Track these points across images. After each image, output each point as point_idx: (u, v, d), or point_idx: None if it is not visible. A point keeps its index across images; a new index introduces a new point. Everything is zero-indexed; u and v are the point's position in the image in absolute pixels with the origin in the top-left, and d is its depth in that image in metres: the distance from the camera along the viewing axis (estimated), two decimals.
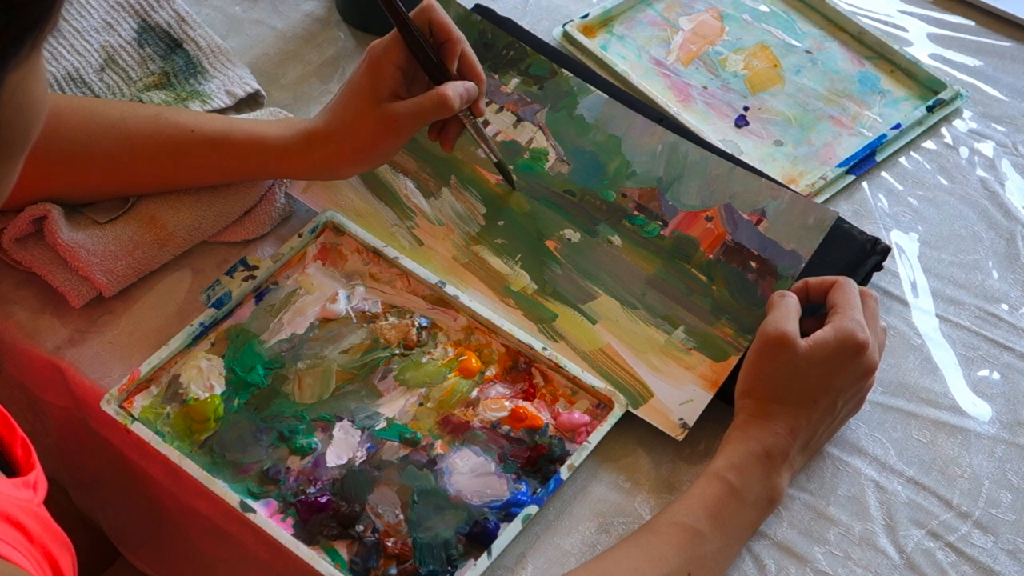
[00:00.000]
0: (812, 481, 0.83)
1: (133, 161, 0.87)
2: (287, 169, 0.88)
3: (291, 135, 0.86)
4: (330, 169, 0.88)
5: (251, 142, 0.86)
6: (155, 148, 0.86)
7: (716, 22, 1.11)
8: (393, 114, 0.83)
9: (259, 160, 0.87)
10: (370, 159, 0.87)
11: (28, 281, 0.90)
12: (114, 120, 0.86)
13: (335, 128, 0.85)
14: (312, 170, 0.88)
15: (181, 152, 0.86)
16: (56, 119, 0.83)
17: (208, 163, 0.87)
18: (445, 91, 0.82)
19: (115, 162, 0.87)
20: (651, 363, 0.86)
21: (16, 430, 0.68)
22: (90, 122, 0.86)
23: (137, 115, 0.88)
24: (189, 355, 0.86)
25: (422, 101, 0.83)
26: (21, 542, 0.57)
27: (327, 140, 0.85)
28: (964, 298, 0.93)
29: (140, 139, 0.86)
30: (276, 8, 1.11)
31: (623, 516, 0.81)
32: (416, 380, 0.86)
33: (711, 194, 0.90)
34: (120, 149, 0.86)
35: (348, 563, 0.77)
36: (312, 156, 0.85)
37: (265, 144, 0.86)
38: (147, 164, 0.87)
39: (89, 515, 0.99)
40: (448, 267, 0.91)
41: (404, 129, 0.84)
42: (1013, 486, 0.83)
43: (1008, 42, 1.12)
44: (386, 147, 0.85)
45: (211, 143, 0.86)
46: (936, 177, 1.01)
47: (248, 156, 0.86)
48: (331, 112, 0.85)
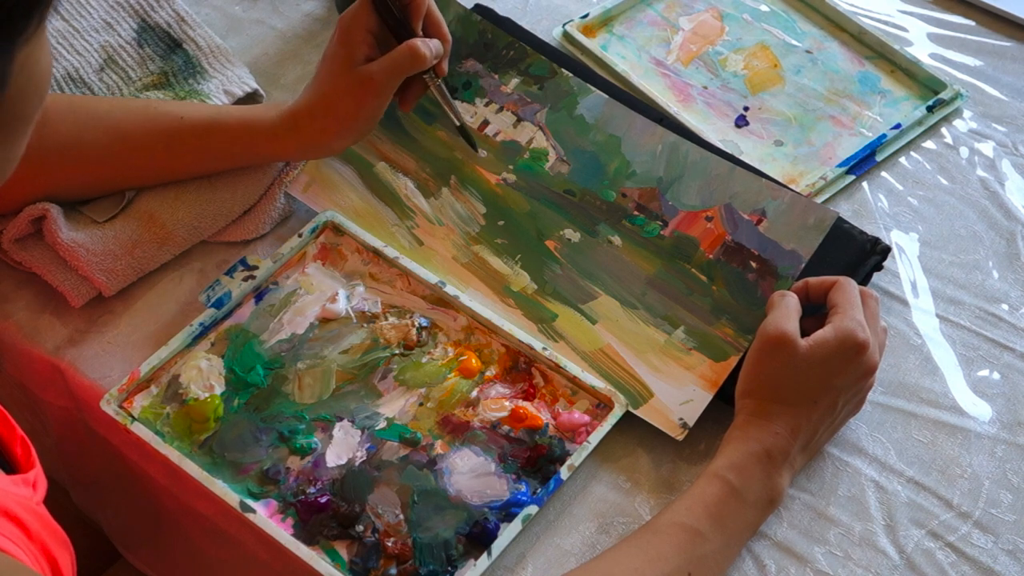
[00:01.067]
0: (812, 481, 0.83)
1: (125, 151, 0.88)
2: (279, 150, 0.89)
3: (277, 116, 0.87)
4: (320, 145, 0.88)
5: (240, 126, 0.88)
6: (146, 136, 0.88)
7: (716, 22, 1.11)
8: (368, 74, 0.84)
9: (249, 143, 0.88)
10: (356, 127, 0.87)
11: (28, 281, 0.90)
12: (103, 112, 0.88)
13: (316, 102, 0.86)
14: (303, 148, 0.89)
15: (172, 139, 0.88)
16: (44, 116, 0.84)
17: (200, 149, 0.88)
18: (415, 43, 0.84)
19: (107, 152, 0.87)
20: (651, 363, 0.86)
21: (15, 429, 0.68)
22: (80, 114, 0.87)
23: (127, 107, 0.89)
24: (189, 355, 0.86)
25: (394, 55, 0.84)
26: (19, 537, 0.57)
27: (312, 116, 0.86)
28: (964, 298, 0.93)
29: (131, 128, 0.88)
30: (276, 8, 1.11)
31: (623, 516, 0.81)
32: (416, 380, 0.86)
33: (711, 194, 0.90)
34: (111, 139, 0.87)
35: (348, 563, 0.77)
36: (300, 134, 0.87)
37: (254, 127, 0.87)
38: (139, 153, 0.88)
39: (89, 515, 0.99)
40: (448, 267, 0.91)
41: (382, 88, 0.85)
42: (1013, 486, 0.83)
43: (1008, 42, 1.12)
44: (368, 111, 0.86)
45: (202, 128, 0.88)
46: (936, 177, 1.01)
47: (238, 140, 0.88)
48: (311, 88, 0.87)
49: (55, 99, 0.89)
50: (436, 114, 0.95)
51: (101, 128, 0.87)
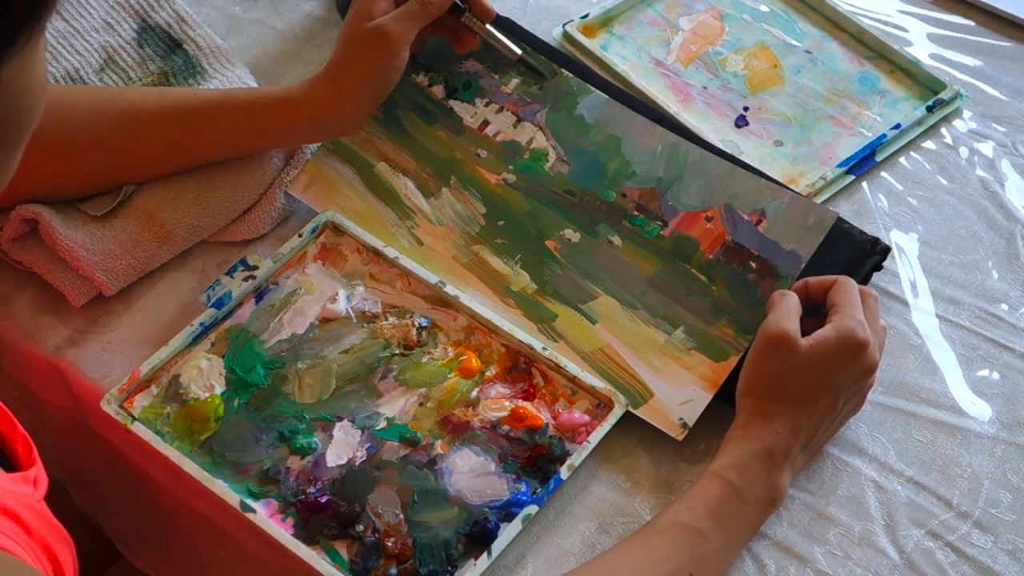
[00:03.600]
0: (812, 481, 0.83)
1: (138, 128, 0.88)
2: (292, 120, 0.88)
3: (293, 87, 0.88)
4: (334, 111, 0.88)
5: (253, 97, 0.88)
6: (159, 111, 0.88)
7: (716, 22, 1.11)
8: (382, 25, 0.85)
9: (262, 113, 0.88)
10: (370, 88, 0.87)
11: (28, 281, 0.90)
12: (115, 93, 0.89)
13: (333, 63, 0.87)
14: (317, 116, 0.88)
15: (185, 114, 0.88)
16: (59, 100, 0.85)
17: (212, 123, 0.88)
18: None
19: (120, 130, 0.87)
20: (651, 363, 0.86)
21: (16, 426, 0.68)
22: (96, 97, 0.88)
23: (140, 89, 0.91)
24: (189, 355, 0.86)
25: (407, 5, 0.85)
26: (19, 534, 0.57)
27: (327, 79, 0.87)
28: (964, 298, 0.93)
29: (143, 105, 0.88)
30: (276, 8, 1.11)
31: (623, 516, 0.81)
32: (416, 380, 0.86)
33: (711, 194, 0.90)
34: (125, 117, 0.87)
35: (348, 563, 0.77)
36: (315, 99, 0.87)
37: (268, 97, 0.88)
38: (151, 130, 0.88)
39: (89, 515, 0.99)
40: (448, 267, 0.91)
41: (397, 39, 0.85)
42: (1013, 486, 0.83)
43: (1008, 42, 1.12)
44: (382, 66, 0.86)
45: (216, 103, 0.88)
46: (936, 177, 1.01)
47: (252, 112, 0.88)
48: (331, 56, 0.88)
49: (67, 88, 0.90)
50: (436, 114, 0.95)
51: (115, 108, 0.87)
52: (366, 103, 0.88)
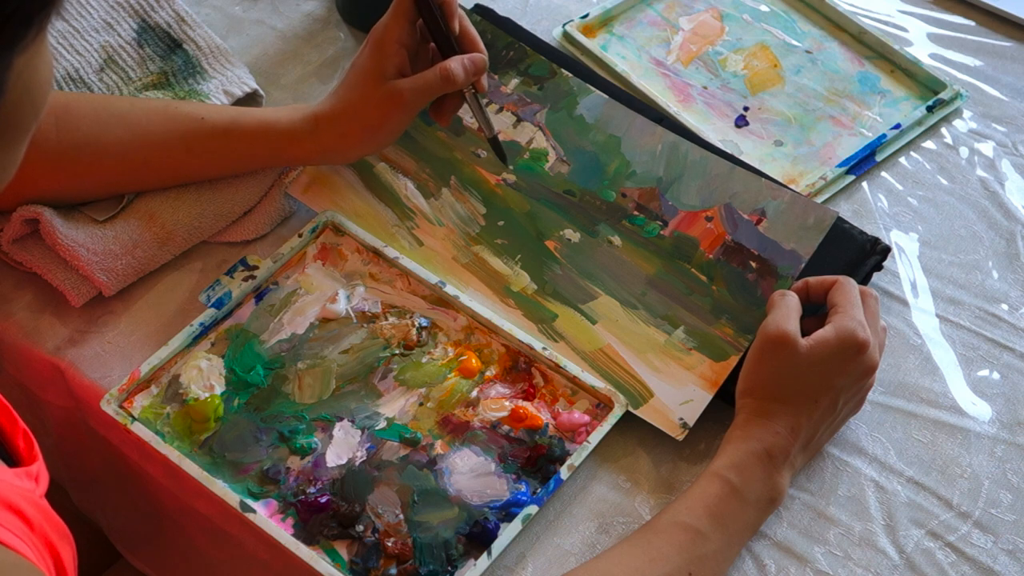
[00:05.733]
0: (812, 481, 0.83)
1: (145, 148, 0.87)
2: (297, 153, 0.89)
3: (299, 119, 0.87)
4: (339, 151, 0.88)
5: (260, 128, 0.88)
6: (166, 135, 0.87)
7: (716, 22, 1.11)
8: (399, 90, 0.84)
9: (269, 145, 0.88)
10: (378, 138, 0.88)
11: (28, 281, 0.90)
12: (124, 110, 0.88)
13: (342, 109, 0.86)
14: (321, 153, 0.89)
15: (192, 139, 0.87)
16: (65, 111, 0.85)
17: (219, 150, 0.88)
18: (449, 64, 0.84)
19: (126, 150, 0.87)
20: (651, 363, 0.86)
21: (18, 422, 0.68)
22: (101, 111, 0.87)
23: (147, 107, 0.89)
24: (189, 355, 0.86)
25: (427, 75, 0.84)
26: (22, 529, 0.57)
27: (335, 121, 0.86)
28: (964, 298, 0.93)
29: (151, 127, 0.88)
30: (276, 8, 1.11)
31: (623, 516, 0.81)
32: (416, 380, 0.86)
33: (711, 194, 0.90)
34: (131, 136, 0.87)
35: (348, 563, 0.77)
36: (321, 139, 0.87)
37: (274, 129, 0.87)
38: (158, 152, 0.88)
39: (89, 515, 0.99)
40: (448, 267, 0.91)
41: (411, 105, 0.85)
42: (1013, 486, 0.83)
43: (1008, 42, 1.12)
44: (393, 124, 0.86)
45: (221, 130, 0.87)
46: (936, 177, 1.01)
47: (258, 141, 0.88)
48: (338, 94, 0.87)
49: (75, 96, 0.89)
50: None
51: (122, 125, 0.87)
52: (371, 149, 0.90)
